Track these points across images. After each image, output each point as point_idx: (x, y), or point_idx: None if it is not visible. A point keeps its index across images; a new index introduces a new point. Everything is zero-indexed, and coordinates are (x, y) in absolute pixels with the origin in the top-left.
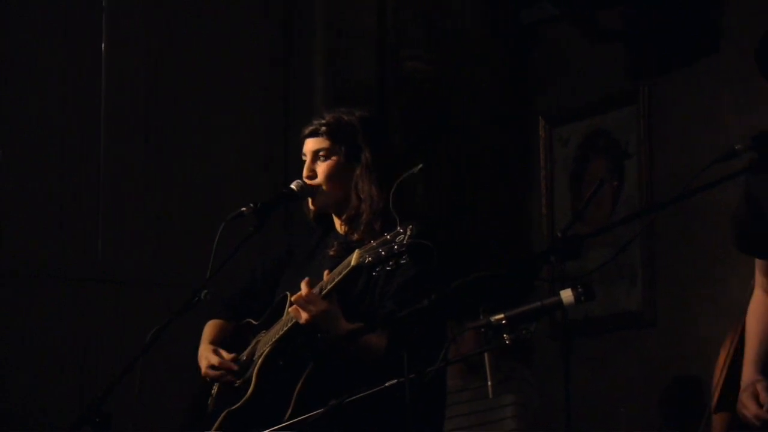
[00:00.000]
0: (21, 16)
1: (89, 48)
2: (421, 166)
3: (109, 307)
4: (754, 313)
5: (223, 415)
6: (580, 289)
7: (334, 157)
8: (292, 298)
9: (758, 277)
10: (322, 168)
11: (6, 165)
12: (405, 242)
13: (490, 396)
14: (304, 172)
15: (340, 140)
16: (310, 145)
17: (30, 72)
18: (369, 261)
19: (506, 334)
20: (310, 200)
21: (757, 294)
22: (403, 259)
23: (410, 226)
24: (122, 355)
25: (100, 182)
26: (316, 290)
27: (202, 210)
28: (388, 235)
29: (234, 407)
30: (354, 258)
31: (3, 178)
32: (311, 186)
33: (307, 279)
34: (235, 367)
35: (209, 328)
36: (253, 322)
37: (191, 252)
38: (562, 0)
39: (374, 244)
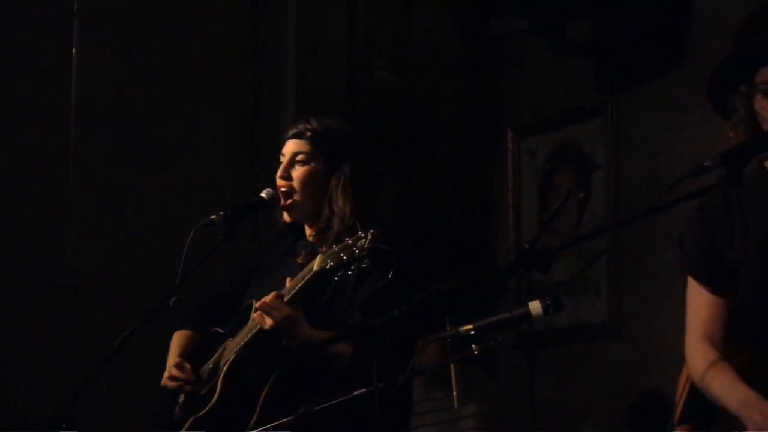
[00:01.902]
0: None
1: (60, 53)
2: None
3: (77, 312)
4: (709, 365)
5: (189, 422)
6: (548, 301)
7: (312, 164)
8: (257, 305)
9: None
10: (298, 172)
11: None
12: (366, 246)
13: (456, 405)
14: (279, 172)
15: (322, 148)
16: (291, 146)
17: (0, 77)
18: (331, 265)
19: (474, 344)
20: (282, 206)
21: (697, 349)
22: (365, 263)
23: (371, 231)
24: (89, 360)
25: (68, 187)
26: (279, 297)
27: (171, 216)
28: (349, 239)
29: (200, 414)
30: (316, 263)
31: None
32: (281, 188)
33: (275, 293)
34: (196, 383)
35: (177, 339)
36: (220, 330)
37: (160, 259)
38: (531, 12)
39: (336, 249)
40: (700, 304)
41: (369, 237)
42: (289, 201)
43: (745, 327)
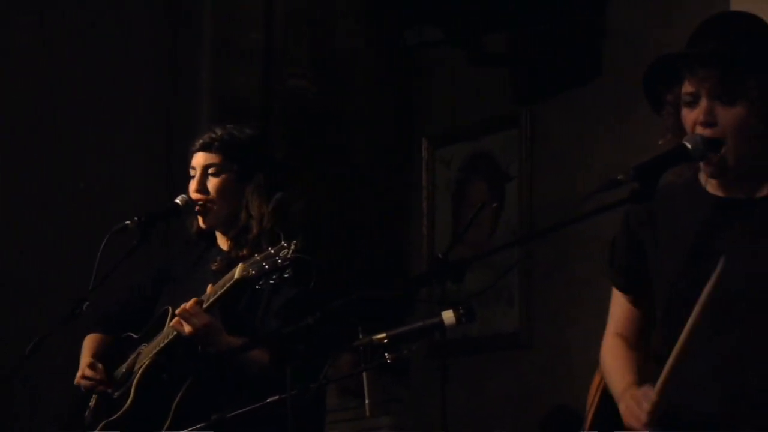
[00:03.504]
0: None
1: None
2: (304, 197)
3: None
4: (614, 359)
5: (100, 425)
6: (461, 311)
7: (225, 174)
8: (177, 311)
9: (614, 318)
10: (213, 183)
11: None
12: (288, 256)
13: (368, 415)
14: (194, 186)
15: (232, 157)
16: (200, 159)
17: None
18: (252, 274)
19: (387, 353)
20: (198, 216)
21: (610, 343)
22: (287, 273)
23: (294, 241)
24: (1, 365)
25: None
26: (198, 303)
27: (86, 221)
28: (272, 249)
29: (112, 418)
30: (238, 271)
31: None
32: (199, 201)
33: (195, 300)
34: (109, 384)
35: (89, 342)
36: (134, 336)
37: (74, 263)
38: (446, 23)
39: (258, 258)
40: (619, 309)
41: (292, 247)
42: (205, 210)
43: (659, 340)
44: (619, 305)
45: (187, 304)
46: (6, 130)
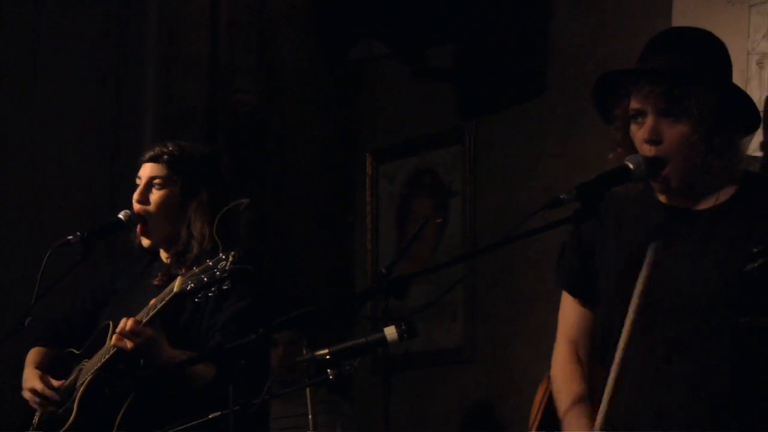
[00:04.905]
0: None
1: None
2: (247, 200)
3: None
4: (563, 371)
5: None
6: (403, 327)
7: (169, 188)
8: (117, 330)
9: (566, 324)
10: (155, 196)
11: None
12: (227, 268)
13: (311, 429)
14: (136, 196)
15: (179, 172)
16: (147, 170)
17: None
18: (192, 287)
19: (330, 369)
20: (139, 230)
21: (561, 350)
22: (225, 285)
23: (232, 253)
24: None
25: None
26: (139, 317)
27: (27, 236)
28: (210, 261)
29: None
30: (176, 284)
31: None
32: (140, 215)
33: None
34: (57, 397)
35: (32, 356)
36: (75, 351)
37: (16, 278)
38: (391, 38)
39: (197, 270)
40: (570, 314)
41: (230, 259)
42: (146, 225)
43: (600, 340)
44: (569, 309)
45: (127, 324)
46: None
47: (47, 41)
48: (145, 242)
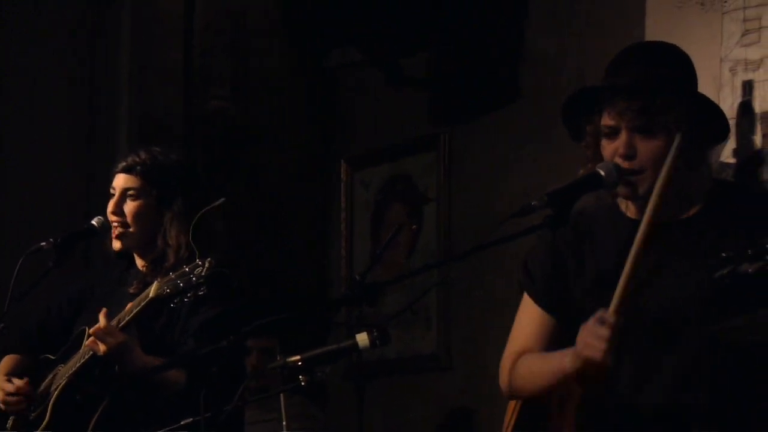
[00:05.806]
0: None
1: None
2: (222, 200)
3: None
4: (516, 365)
5: None
6: (375, 333)
7: (143, 199)
8: (90, 330)
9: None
10: (130, 207)
11: None
12: (203, 273)
13: None
14: (110, 207)
15: (153, 182)
16: (120, 181)
17: None
18: (167, 292)
19: (302, 375)
20: (113, 238)
21: (512, 360)
22: (202, 290)
23: (208, 259)
24: None
25: None
26: (114, 322)
27: (1, 242)
28: (186, 267)
29: None
30: (153, 290)
31: None
32: (114, 222)
33: (104, 310)
34: (31, 392)
35: (6, 362)
36: (51, 357)
37: None
38: (366, 45)
39: (173, 276)
40: (529, 319)
41: (206, 265)
42: (121, 231)
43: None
44: (529, 318)
45: (102, 323)
46: None
47: (17, 49)
48: (116, 245)
